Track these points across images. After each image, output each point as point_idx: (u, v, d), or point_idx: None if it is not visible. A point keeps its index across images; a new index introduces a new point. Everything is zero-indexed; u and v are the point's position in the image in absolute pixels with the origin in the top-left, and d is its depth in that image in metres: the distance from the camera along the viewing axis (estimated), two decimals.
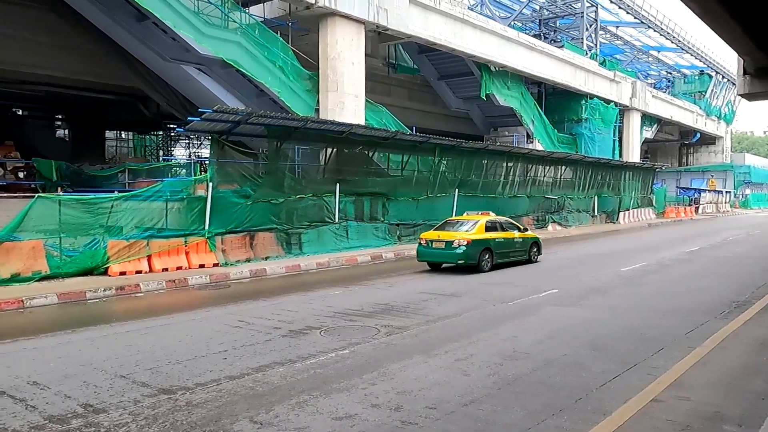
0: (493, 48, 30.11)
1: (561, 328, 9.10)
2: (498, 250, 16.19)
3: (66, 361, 7.44)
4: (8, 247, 12.89)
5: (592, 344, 8.08)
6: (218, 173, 16.55)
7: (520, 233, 17.59)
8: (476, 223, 16.30)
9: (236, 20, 20.21)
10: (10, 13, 19.60)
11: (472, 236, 15.69)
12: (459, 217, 18.57)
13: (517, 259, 17.14)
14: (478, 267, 15.49)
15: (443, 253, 15.72)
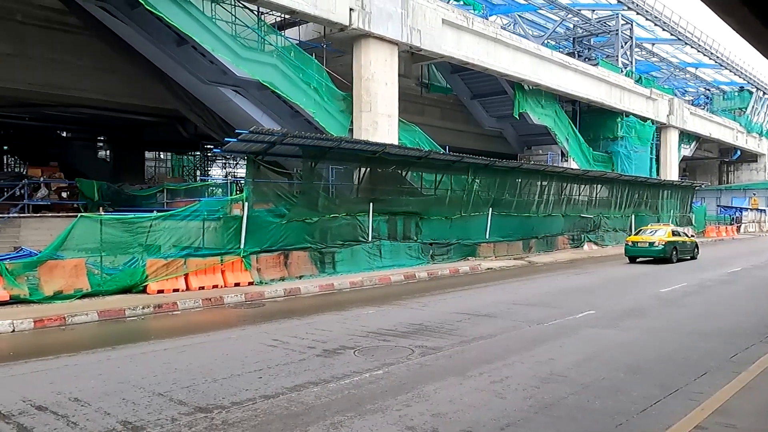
0: (527, 67, 30.04)
1: (599, 350, 8.92)
2: (680, 248, 24.15)
3: (106, 378, 7.57)
4: (52, 265, 13.25)
5: (631, 368, 7.89)
6: (254, 193, 16.78)
7: (689, 238, 26.16)
8: (665, 230, 24.30)
9: (272, 43, 20.62)
10: (59, 40, 20.36)
11: (666, 239, 23.59)
12: (649, 226, 26.50)
13: (688, 256, 24.66)
14: (669, 260, 23.06)
15: (647, 249, 23.46)
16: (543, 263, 23.77)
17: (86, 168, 31.07)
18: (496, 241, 24.87)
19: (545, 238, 28.05)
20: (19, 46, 19.83)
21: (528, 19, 41.20)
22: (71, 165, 29.64)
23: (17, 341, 10.39)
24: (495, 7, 36.37)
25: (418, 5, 23.29)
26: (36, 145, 33.80)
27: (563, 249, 28.89)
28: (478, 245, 23.93)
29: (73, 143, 37.13)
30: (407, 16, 22.71)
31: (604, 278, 18.99)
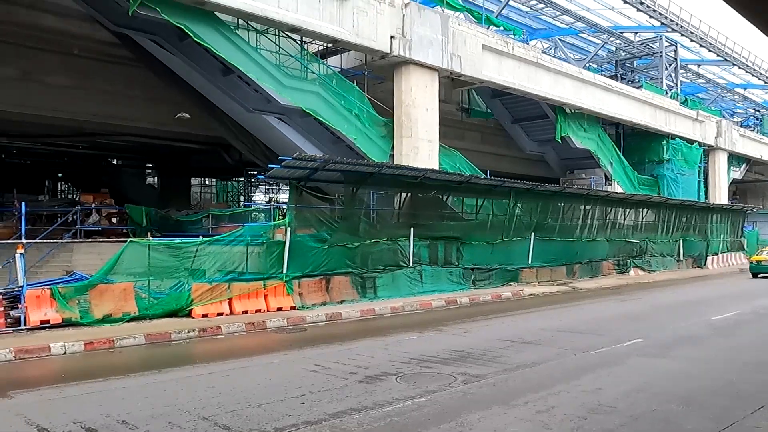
0: (568, 90, 29.81)
1: (648, 380, 8.65)
2: None
3: (153, 401, 7.71)
4: (102, 289, 13.64)
5: (683, 399, 7.63)
6: (296, 218, 17.00)
7: None
8: None
9: (315, 71, 21.02)
10: (112, 72, 21.21)
11: None
12: None
13: None
14: None
15: None
16: (587, 289, 23.28)
17: (135, 194, 32.02)
18: (538, 267, 24.50)
19: (589, 264, 27.50)
20: (76, 78, 20.73)
21: (569, 43, 40.97)
22: (121, 191, 30.61)
23: (69, 363, 10.70)
24: (535, 32, 36.32)
25: (459, 32, 23.45)
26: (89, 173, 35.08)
27: (608, 275, 28.25)
28: (520, 270, 23.62)
29: (123, 170, 38.40)
30: (447, 42, 22.89)
31: (652, 305, 18.47)
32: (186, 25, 16.80)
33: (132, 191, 33.26)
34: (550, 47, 39.03)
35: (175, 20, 16.59)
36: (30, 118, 22.05)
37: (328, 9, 19.21)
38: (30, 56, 19.75)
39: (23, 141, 29.43)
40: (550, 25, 36.54)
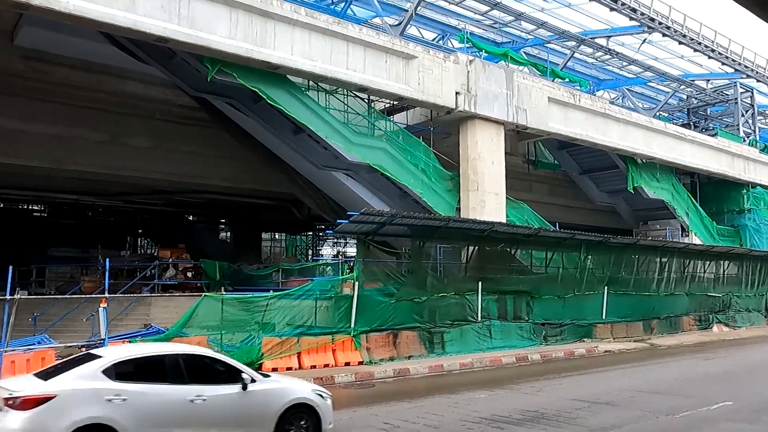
0: (639, 140, 29.18)
1: None
2: None
3: None
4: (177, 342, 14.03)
5: None
6: (364, 272, 17.13)
7: None
8: None
9: (381, 128, 21.53)
10: (190, 133, 22.40)
11: None
12: None
13: None
14: None
15: None
16: (667, 346, 22.12)
17: (209, 249, 33.12)
18: (613, 322, 23.54)
19: (668, 319, 26.20)
20: (156, 140, 22.01)
21: (637, 92, 40.33)
22: (196, 246, 31.76)
23: None
24: (602, 82, 36.03)
25: (523, 85, 23.56)
26: (166, 229, 36.67)
27: (689, 331, 26.79)
28: (593, 326, 22.75)
29: (197, 226, 39.94)
30: (512, 96, 23.00)
31: (740, 364, 17.36)
32: (260, 88, 17.67)
33: (206, 246, 34.43)
34: (618, 97, 38.54)
35: (250, 84, 17.48)
36: (115, 178, 23.43)
37: (394, 68, 19.78)
38: (116, 121, 21.14)
39: (108, 200, 31.25)
40: (617, 76, 36.16)
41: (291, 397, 8.21)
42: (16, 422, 6.62)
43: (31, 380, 7.42)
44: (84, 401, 6.94)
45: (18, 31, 17.22)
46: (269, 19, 17.08)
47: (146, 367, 7.64)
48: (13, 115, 18.89)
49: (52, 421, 6.67)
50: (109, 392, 7.04)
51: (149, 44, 16.46)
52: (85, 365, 7.40)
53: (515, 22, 27.44)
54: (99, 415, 6.87)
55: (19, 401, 6.73)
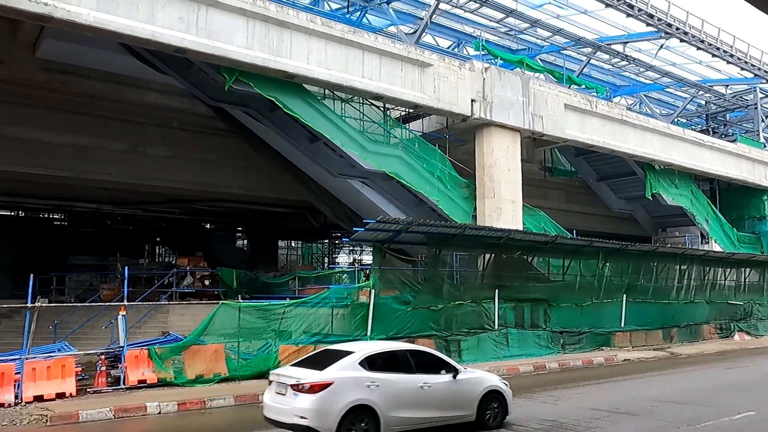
0: (656, 146, 28.93)
1: None
2: None
3: None
4: (195, 350, 14.16)
5: None
6: (380, 280, 17.14)
7: None
8: None
9: (397, 136, 21.58)
10: (207, 142, 22.61)
11: None
12: None
13: None
14: None
15: None
16: (687, 355, 21.81)
17: (226, 257, 33.34)
18: (632, 330, 23.28)
19: (688, 327, 25.85)
20: (175, 149, 22.21)
21: (654, 98, 40.03)
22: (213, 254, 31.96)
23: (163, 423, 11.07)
24: (618, 88, 35.79)
25: (539, 92, 23.50)
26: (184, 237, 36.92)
27: (710, 339, 26.40)
28: (612, 334, 22.52)
29: (215, 234, 40.23)
30: (528, 103, 22.94)
31: (763, 373, 17.09)
32: (276, 97, 17.80)
33: (223, 254, 34.66)
34: (635, 103, 38.27)
35: (266, 93, 17.62)
36: (133, 187, 23.70)
37: (409, 76, 19.83)
38: (135, 130, 21.40)
39: (127, 208, 31.61)
40: (634, 82, 35.90)
41: (486, 385, 10.13)
42: (308, 402, 8.42)
43: (304, 370, 9.01)
44: (352, 386, 8.74)
45: (40, 44, 17.53)
46: (285, 28, 17.23)
47: (387, 360, 9.46)
48: (35, 125, 19.20)
49: (333, 402, 8.47)
50: (367, 380, 8.87)
51: (168, 55, 16.68)
52: (344, 359, 9.10)
53: (531, 29, 27.39)
54: (363, 397, 8.70)
55: (307, 386, 8.50)
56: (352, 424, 8.46)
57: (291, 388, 8.58)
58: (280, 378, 8.98)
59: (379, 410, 8.67)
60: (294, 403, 8.49)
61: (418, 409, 9.19)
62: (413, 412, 9.12)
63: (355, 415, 8.52)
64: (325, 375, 8.71)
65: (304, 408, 8.39)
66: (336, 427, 8.34)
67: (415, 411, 9.14)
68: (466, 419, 9.69)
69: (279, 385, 8.91)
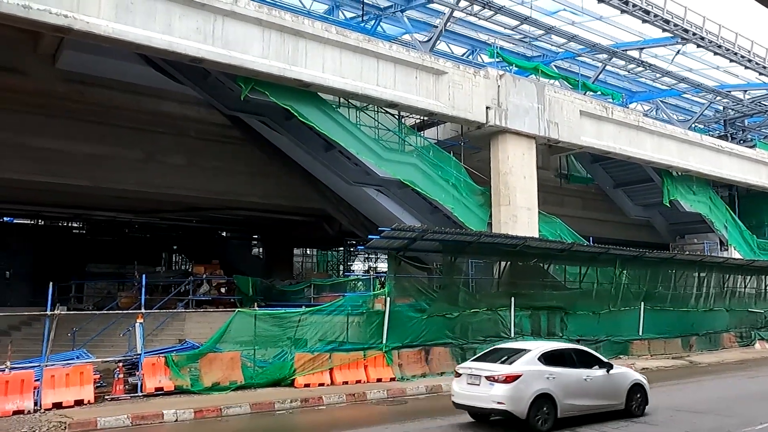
0: (674, 153, 28.68)
1: None
2: None
3: None
4: (211, 357, 14.21)
5: None
6: (395, 288, 17.12)
7: None
8: None
9: (412, 144, 21.60)
10: (223, 151, 22.77)
11: None
12: None
13: None
14: None
15: None
16: (707, 363, 21.51)
17: (242, 265, 33.49)
18: (650, 338, 23.01)
19: (707, 335, 25.49)
20: (191, 158, 22.40)
21: (671, 104, 39.69)
22: (229, 262, 32.13)
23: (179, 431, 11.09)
24: (635, 94, 35.56)
25: (555, 99, 23.42)
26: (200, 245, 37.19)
27: (730, 347, 26.00)
28: (630, 342, 22.28)
29: (231, 242, 40.44)
30: (544, 110, 22.87)
31: None
32: (292, 105, 17.92)
33: (239, 262, 34.82)
34: (651, 109, 37.97)
35: (282, 102, 17.74)
36: (151, 195, 23.92)
37: (424, 84, 19.86)
38: (152, 140, 21.60)
39: (144, 217, 31.89)
40: (650, 88, 35.63)
41: (631, 379, 11.71)
42: (504, 390, 10.14)
43: (489, 365, 10.78)
44: (536, 378, 10.43)
45: (59, 55, 17.79)
46: (301, 38, 17.36)
47: (558, 356, 11.18)
48: (55, 135, 19.48)
49: (523, 390, 10.17)
50: (546, 372, 10.60)
51: (185, 64, 16.86)
52: (526, 355, 10.85)
53: (545, 36, 27.30)
54: (545, 387, 10.38)
55: (503, 377, 10.25)
56: (538, 408, 10.13)
57: (486, 379, 10.32)
58: (472, 371, 10.74)
59: (556, 398, 10.37)
60: (491, 391, 10.20)
61: (583, 398, 10.84)
62: (580, 400, 10.77)
63: (539, 402, 10.18)
64: (514, 368, 10.49)
65: (500, 395, 10.11)
66: (527, 410, 10.04)
67: (581, 399, 10.80)
68: (616, 408, 11.25)
69: (471, 377, 10.66)
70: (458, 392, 10.84)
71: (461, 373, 10.97)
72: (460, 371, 11.12)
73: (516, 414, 10.10)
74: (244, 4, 16.58)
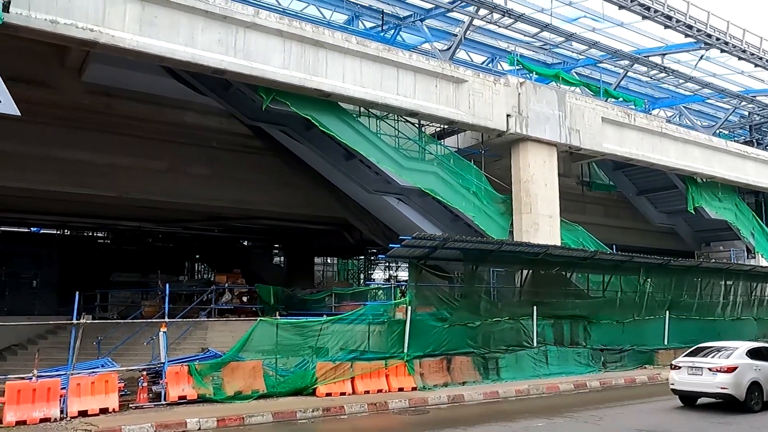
0: (698, 159, 28.31)
1: None
2: None
3: None
4: (234, 366, 14.27)
5: None
6: (416, 297, 17.06)
7: None
8: None
9: (432, 152, 21.61)
10: (245, 161, 23.01)
11: None
12: None
13: None
14: None
15: None
16: None
17: (263, 273, 33.72)
18: (676, 348, 22.49)
19: None
20: (213, 168, 22.65)
21: (695, 110, 39.19)
22: (251, 271, 32.37)
23: None
24: (657, 101, 35.19)
25: (576, 106, 23.28)
26: (222, 254, 37.56)
27: None
28: (655, 352, 21.93)
29: (252, 251, 40.74)
30: (565, 117, 22.75)
31: None
32: (312, 115, 18.05)
33: (260, 270, 35.06)
34: (675, 115, 37.52)
35: (303, 112, 17.88)
36: (174, 205, 24.22)
37: (444, 93, 19.87)
38: (175, 150, 21.90)
39: (167, 226, 32.29)
40: (673, 93, 35.22)
41: (750, 376, 13.20)
42: (727, 378, 12.88)
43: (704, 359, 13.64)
44: (748, 369, 13.13)
45: (86, 68, 18.14)
46: (321, 48, 17.50)
47: (759, 352, 13.78)
48: (81, 146, 19.84)
49: (741, 378, 12.92)
50: (754, 365, 13.27)
51: (207, 76, 17.07)
52: (736, 351, 13.57)
53: (566, 43, 27.16)
54: (755, 377, 13.09)
55: (725, 368, 12.98)
56: (751, 393, 12.89)
57: (709, 370, 13.09)
58: (694, 363, 13.53)
59: (763, 386, 13.07)
60: (715, 380, 12.92)
61: None
62: None
63: (752, 388, 12.90)
64: (732, 361, 13.15)
65: (724, 382, 12.83)
66: (744, 394, 12.81)
67: None
68: None
69: (691, 369, 13.45)
70: (679, 381, 13.59)
71: (680, 366, 13.65)
72: (679, 365, 13.75)
73: (736, 397, 12.75)
74: (265, 16, 16.80)
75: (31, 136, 18.69)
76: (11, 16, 12.55)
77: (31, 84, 17.83)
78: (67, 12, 13.71)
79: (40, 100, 18.26)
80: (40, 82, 18.43)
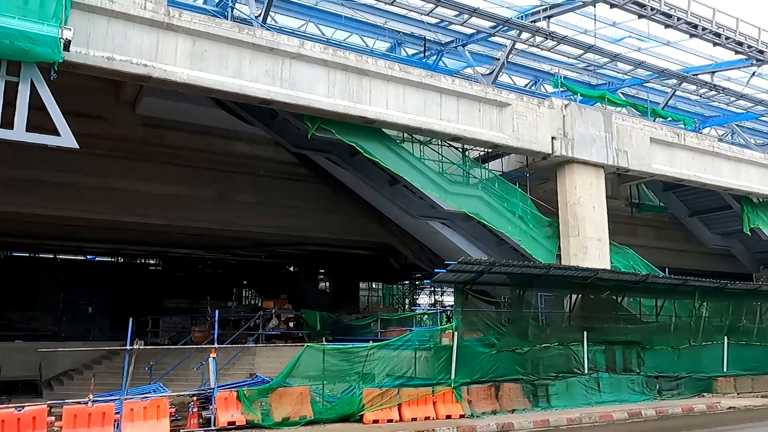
0: (753, 178, 27.37)
1: None
2: None
3: None
4: (281, 392, 14.34)
5: None
6: (462, 322, 16.88)
7: None
8: None
9: (476, 176, 21.52)
10: (292, 188, 23.40)
11: None
12: None
13: None
14: None
15: None
16: None
17: (309, 299, 33.92)
18: (736, 375, 21.66)
19: None
20: (261, 195, 23.13)
21: (747, 128, 38.02)
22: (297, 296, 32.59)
23: None
24: (708, 119, 34.33)
25: (623, 127, 22.91)
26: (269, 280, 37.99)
27: None
28: (713, 379, 21.05)
29: (298, 276, 41.17)
30: (612, 138, 22.40)
31: None
32: (356, 142, 18.26)
33: (306, 296, 35.29)
34: (726, 134, 36.51)
35: (347, 139, 18.12)
36: (223, 232, 24.79)
37: (487, 117, 19.86)
38: (224, 179, 22.47)
39: (216, 253, 33.01)
40: (724, 111, 34.29)
41: None
42: None
43: None
44: None
45: (139, 102, 18.90)
46: (365, 76, 17.76)
47: None
48: (134, 177, 20.58)
49: None
50: None
51: (254, 106, 17.51)
52: None
53: (611, 64, 26.85)
54: None
55: None
56: None
57: None
58: None
59: None
60: None
61: None
62: None
63: None
64: None
65: None
66: None
67: None
68: None
69: None
70: None
71: None
72: None
73: None
74: (310, 46, 17.18)
75: (88, 168, 19.48)
76: (71, 54, 13.16)
77: (89, 118, 18.63)
78: (123, 49, 14.33)
79: (99, 133, 19.06)
80: (97, 116, 19.26)
